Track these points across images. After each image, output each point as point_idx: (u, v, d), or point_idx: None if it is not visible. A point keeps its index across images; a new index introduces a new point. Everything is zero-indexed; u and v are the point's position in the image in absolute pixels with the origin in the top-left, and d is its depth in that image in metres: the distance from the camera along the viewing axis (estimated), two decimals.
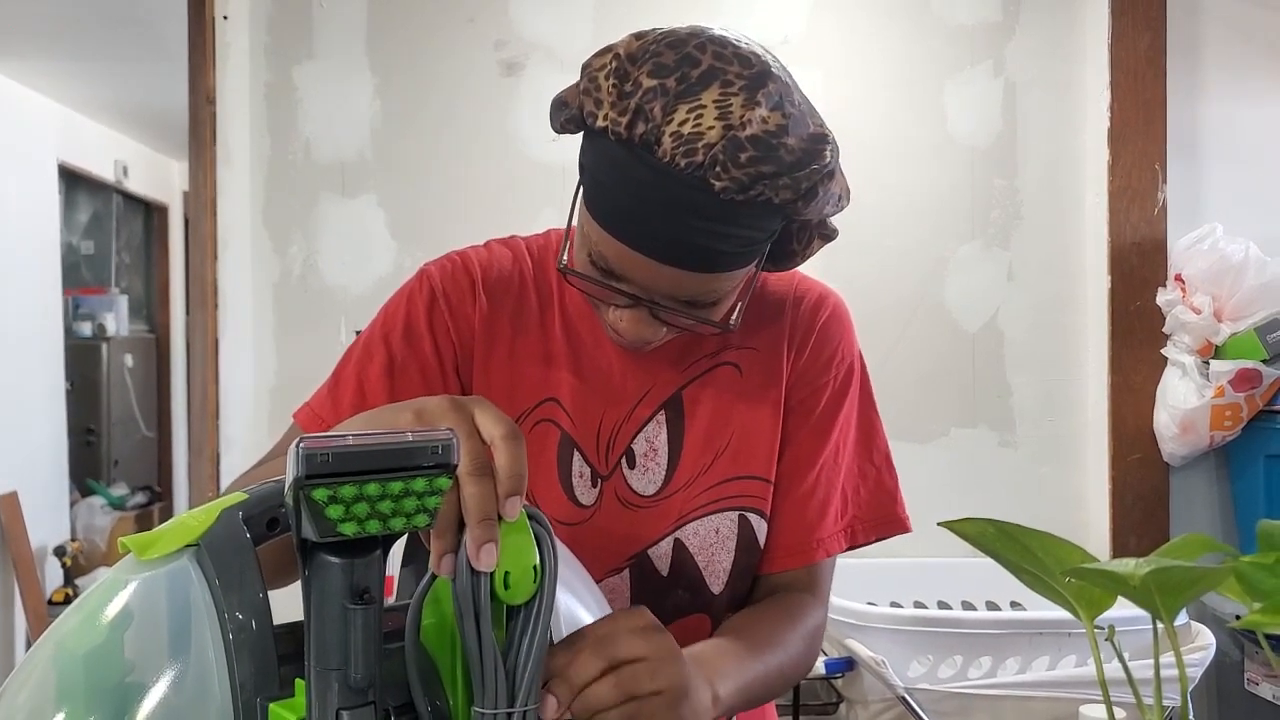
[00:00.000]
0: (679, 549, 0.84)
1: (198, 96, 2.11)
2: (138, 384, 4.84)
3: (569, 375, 0.85)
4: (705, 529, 0.84)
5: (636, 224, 0.71)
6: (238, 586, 0.49)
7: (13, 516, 3.49)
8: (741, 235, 0.72)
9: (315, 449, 0.44)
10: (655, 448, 0.85)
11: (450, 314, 0.84)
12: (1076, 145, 2.07)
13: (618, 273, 0.74)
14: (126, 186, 4.70)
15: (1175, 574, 0.47)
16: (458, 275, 0.86)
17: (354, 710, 0.46)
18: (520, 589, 0.53)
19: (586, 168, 0.75)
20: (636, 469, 0.84)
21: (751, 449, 0.86)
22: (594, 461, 0.84)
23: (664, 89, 0.68)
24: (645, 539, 0.84)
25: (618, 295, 0.76)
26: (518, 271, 0.88)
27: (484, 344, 0.84)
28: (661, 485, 0.84)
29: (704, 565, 0.84)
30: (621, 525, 0.83)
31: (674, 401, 0.86)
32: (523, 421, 0.83)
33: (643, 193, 0.70)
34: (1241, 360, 1.84)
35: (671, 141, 0.68)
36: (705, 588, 0.84)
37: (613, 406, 0.85)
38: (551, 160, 2.07)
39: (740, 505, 0.85)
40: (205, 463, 2.11)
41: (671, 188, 0.69)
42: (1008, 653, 1.52)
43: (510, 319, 0.85)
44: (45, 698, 0.48)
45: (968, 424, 2.08)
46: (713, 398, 0.87)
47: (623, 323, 0.77)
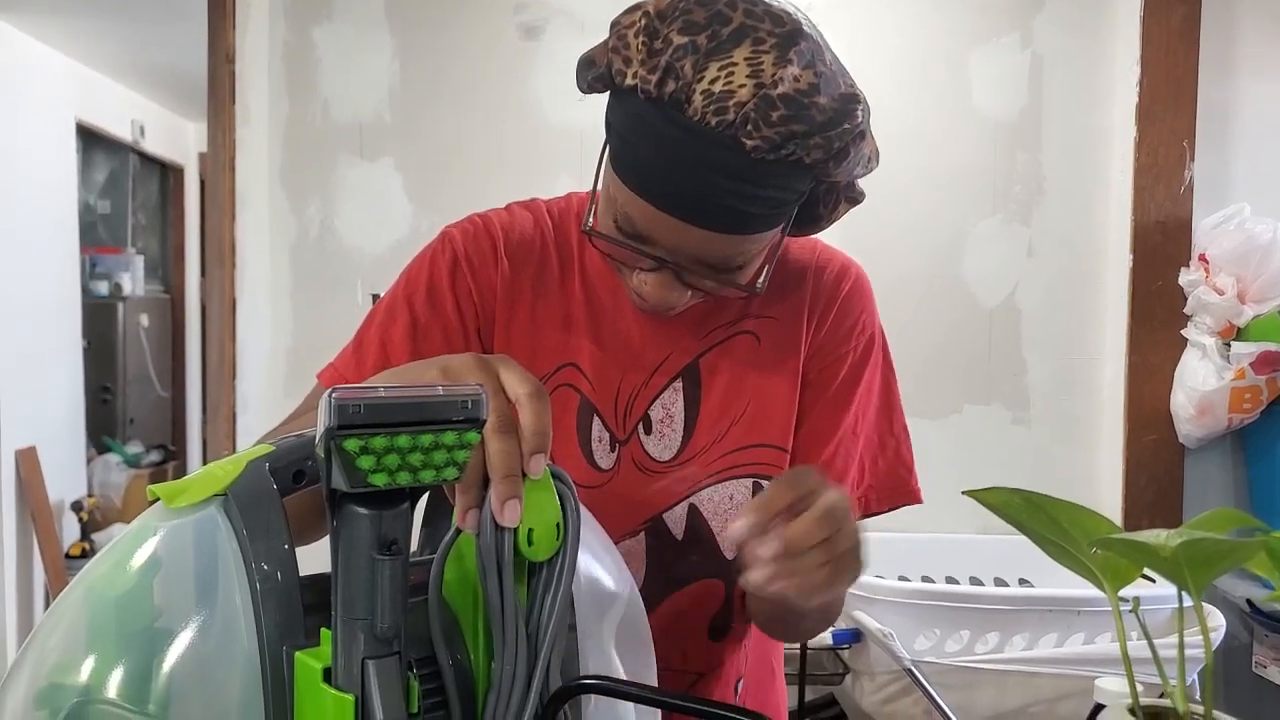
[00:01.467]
0: (693, 514, 0.84)
1: (217, 56, 2.10)
2: (153, 344, 4.86)
3: (589, 340, 0.85)
4: (719, 495, 0.84)
5: (665, 184, 0.70)
6: (264, 536, 0.49)
7: (32, 471, 3.53)
8: (770, 196, 0.71)
9: (348, 400, 0.44)
10: (671, 414, 0.85)
11: (472, 276, 0.84)
12: (1103, 121, 2.04)
13: (644, 234, 0.73)
14: (143, 147, 4.70)
15: (1206, 547, 0.47)
16: (479, 237, 0.85)
17: (379, 660, 0.47)
18: (543, 546, 0.53)
19: (614, 127, 0.74)
20: (653, 435, 0.85)
21: (767, 417, 0.86)
22: (612, 427, 0.84)
23: (695, 46, 0.68)
24: (661, 504, 0.84)
25: (643, 258, 0.75)
26: (539, 234, 0.87)
27: (505, 306, 0.84)
28: (677, 451, 0.85)
29: (718, 531, 0.84)
30: (638, 490, 0.84)
31: (691, 369, 0.86)
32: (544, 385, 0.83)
33: (672, 152, 0.69)
34: (1264, 343, 1.83)
35: (702, 99, 0.67)
36: (718, 553, 0.85)
37: (631, 373, 0.85)
38: (570, 124, 2.06)
39: (754, 473, 0.85)
40: (221, 422, 2.12)
41: (701, 146, 0.68)
42: (1015, 629, 1.53)
43: (531, 282, 0.85)
44: (77, 639, 0.49)
45: (981, 400, 2.07)
46: (730, 366, 0.86)
47: (647, 286, 0.76)
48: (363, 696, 0.47)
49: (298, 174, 2.11)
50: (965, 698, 1.52)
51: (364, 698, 0.47)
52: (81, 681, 0.47)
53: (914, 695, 1.54)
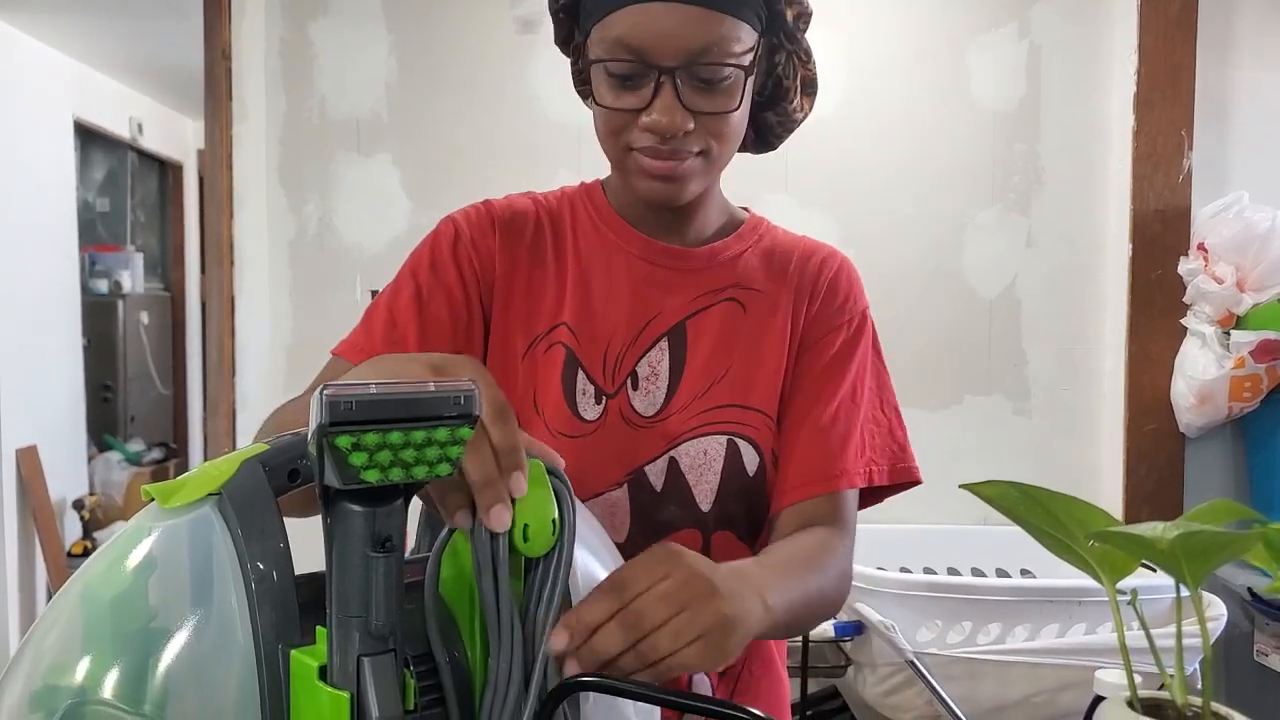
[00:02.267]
0: (672, 466, 0.88)
1: (213, 52, 2.10)
2: (153, 341, 4.86)
3: (580, 303, 0.90)
4: (695, 449, 0.88)
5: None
6: (259, 535, 0.49)
7: (33, 469, 3.54)
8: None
9: (339, 396, 0.44)
10: (657, 372, 0.89)
11: (473, 246, 0.89)
12: (1101, 110, 2.03)
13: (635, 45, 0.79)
14: (141, 144, 4.70)
15: (1203, 539, 0.47)
16: (478, 214, 0.92)
17: (375, 657, 0.47)
18: (539, 542, 0.53)
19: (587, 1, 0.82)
20: (639, 390, 0.89)
21: (750, 381, 0.90)
22: (599, 381, 0.88)
23: None
24: (643, 456, 0.88)
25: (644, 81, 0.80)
26: (533, 212, 0.94)
27: (504, 274, 0.90)
28: (660, 407, 0.88)
29: (693, 484, 0.88)
30: (623, 442, 0.87)
31: (677, 330, 0.90)
32: (538, 343, 0.89)
33: None
34: (1263, 331, 1.83)
35: None
36: (695, 504, 0.88)
37: (620, 331, 0.90)
38: (567, 118, 2.05)
39: (730, 431, 0.89)
40: (221, 419, 2.12)
41: None
42: (1017, 620, 1.53)
43: (528, 253, 0.91)
44: (72, 640, 0.49)
45: (982, 391, 2.07)
46: (715, 329, 0.90)
47: (655, 116, 0.80)
48: (358, 694, 0.47)
49: (295, 171, 2.11)
50: (967, 689, 1.52)
51: (359, 695, 0.47)
52: (77, 682, 0.47)
53: (916, 687, 1.54)
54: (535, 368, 0.87)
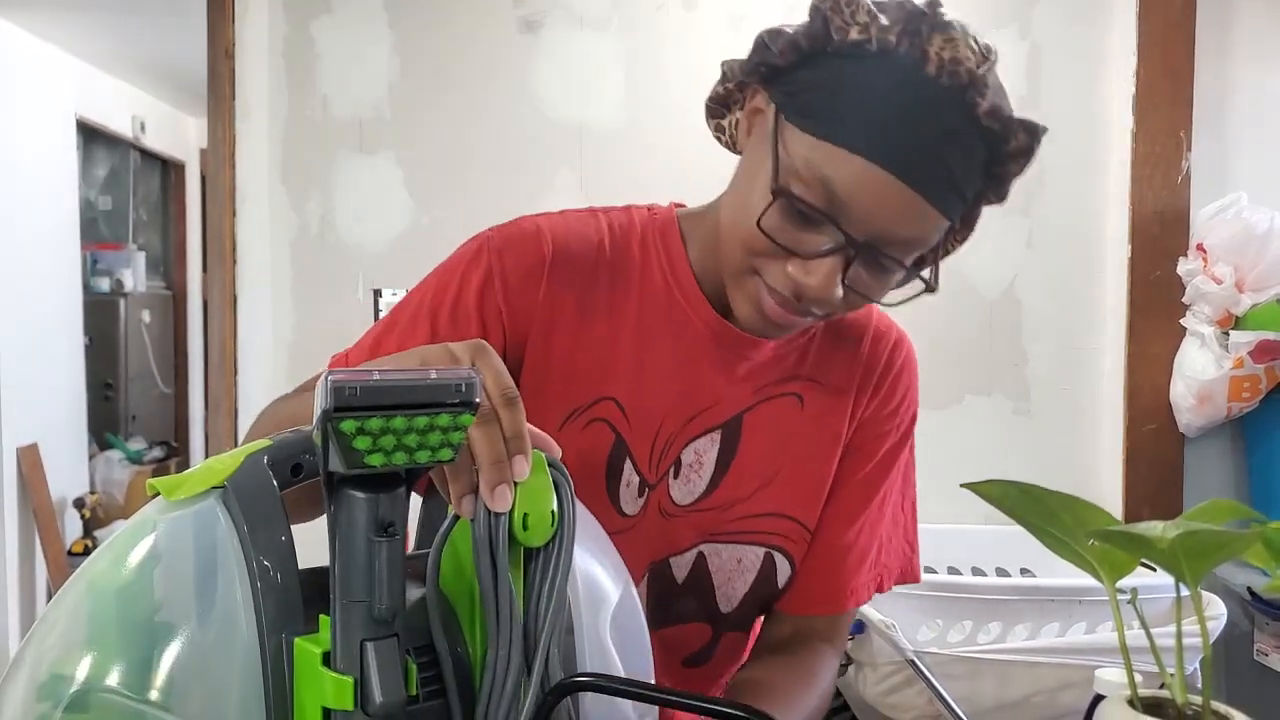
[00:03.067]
0: (699, 562, 0.83)
1: (216, 51, 2.10)
2: (155, 340, 4.87)
3: (632, 376, 0.80)
4: (729, 555, 0.83)
5: (889, 138, 0.68)
6: (263, 528, 0.50)
7: (34, 468, 3.54)
8: (971, 174, 0.72)
9: (344, 382, 0.45)
10: (702, 461, 0.82)
11: (505, 296, 0.78)
12: (1101, 111, 2.04)
13: (841, 196, 0.69)
14: (144, 143, 4.70)
15: (1203, 538, 0.47)
16: (523, 252, 0.79)
17: (378, 641, 0.48)
18: (538, 531, 0.53)
19: (810, 87, 0.72)
20: (679, 479, 0.82)
21: (797, 490, 0.85)
22: (644, 470, 0.81)
23: (923, 14, 0.70)
24: (672, 548, 0.83)
25: (825, 234, 0.71)
26: (594, 253, 0.81)
27: (542, 330, 0.79)
28: (698, 498, 0.83)
29: (719, 586, 0.84)
30: (655, 535, 0.82)
31: (733, 423, 0.83)
32: (577, 417, 0.79)
33: (899, 105, 0.69)
34: (1262, 331, 1.83)
35: (936, 59, 0.69)
36: (715, 604, 0.85)
37: (672, 416, 0.81)
38: (570, 118, 2.06)
39: (769, 543, 0.84)
40: (223, 418, 2.13)
41: (937, 101, 0.69)
42: (1017, 619, 1.53)
43: (577, 304, 0.80)
44: (78, 632, 0.49)
45: (983, 391, 2.08)
46: (771, 428, 0.84)
47: (809, 275, 0.71)
48: (362, 678, 0.47)
49: (298, 169, 2.11)
50: (968, 688, 1.52)
51: (363, 679, 0.47)
52: (83, 673, 0.47)
53: (917, 686, 1.54)
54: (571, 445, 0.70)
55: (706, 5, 2.04)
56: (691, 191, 0.96)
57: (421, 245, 2.07)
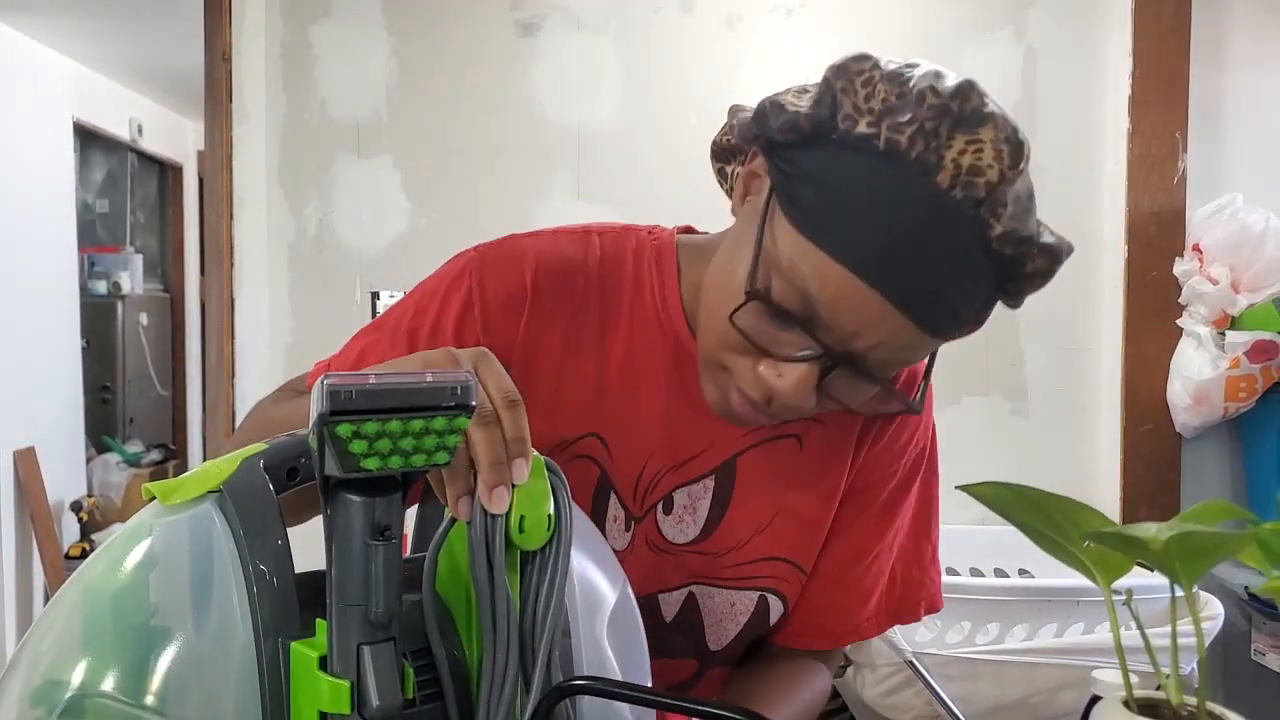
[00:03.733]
0: (689, 602, 0.80)
1: (213, 54, 2.10)
2: (152, 343, 4.86)
3: (619, 412, 0.76)
4: (721, 599, 0.81)
5: (884, 257, 0.61)
6: (259, 532, 0.50)
7: (31, 471, 3.54)
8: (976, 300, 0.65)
9: (340, 386, 0.45)
10: (695, 508, 0.79)
11: (483, 325, 0.74)
12: (1096, 113, 2.04)
13: (821, 311, 0.63)
14: (141, 145, 4.70)
15: (1197, 539, 0.47)
16: (505, 280, 0.75)
17: (374, 645, 0.48)
18: (535, 534, 0.53)
19: (808, 180, 0.64)
20: (672, 516, 0.79)
21: (794, 534, 0.82)
22: (629, 504, 0.78)
23: (947, 110, 0.61)
24: (662, 584, 0.80)
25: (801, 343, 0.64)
26: (583, 279, 0.76)
27: (524, 360, 0.75)
28: (692, 540, 0.79)
29: (709, 626, 0.81)
30: (645, 568, 0.79)
31: (727, 466, 0.79)
32: (561, 452, 0.76)
33: (902, 220, 0.61)
34: (1258, 331, 1.83)
35: (952, 169, 0.60)
36: (703, 643, 0.82)
37: (660, 453, 0.77)
38: (568, 120, 2.06)
39: (765, 586, 0.81)
40: (220, 421, 2.13)
41: (944, 219, 0.61)
42: (1015, 619, 1.53)
43: (563, 335, 0.75)
44: (74, 637, 0.49)
45: (980, 391, 2.08)
46: (767, 472, 0.80)
47: (782, 379, 0.65)
48: (358, 682, 0.48)
49: (295, 172, 2.11)
50: (966, 689, 1.52)
51: (359, 683, 0.48)
52: (78, 678, 0.47)
53: (915, 687, 1.54)
54: None
55: (703, 8, 2.04)
56: (689, 194, 0.96)
57: (419, 248, 2.07)
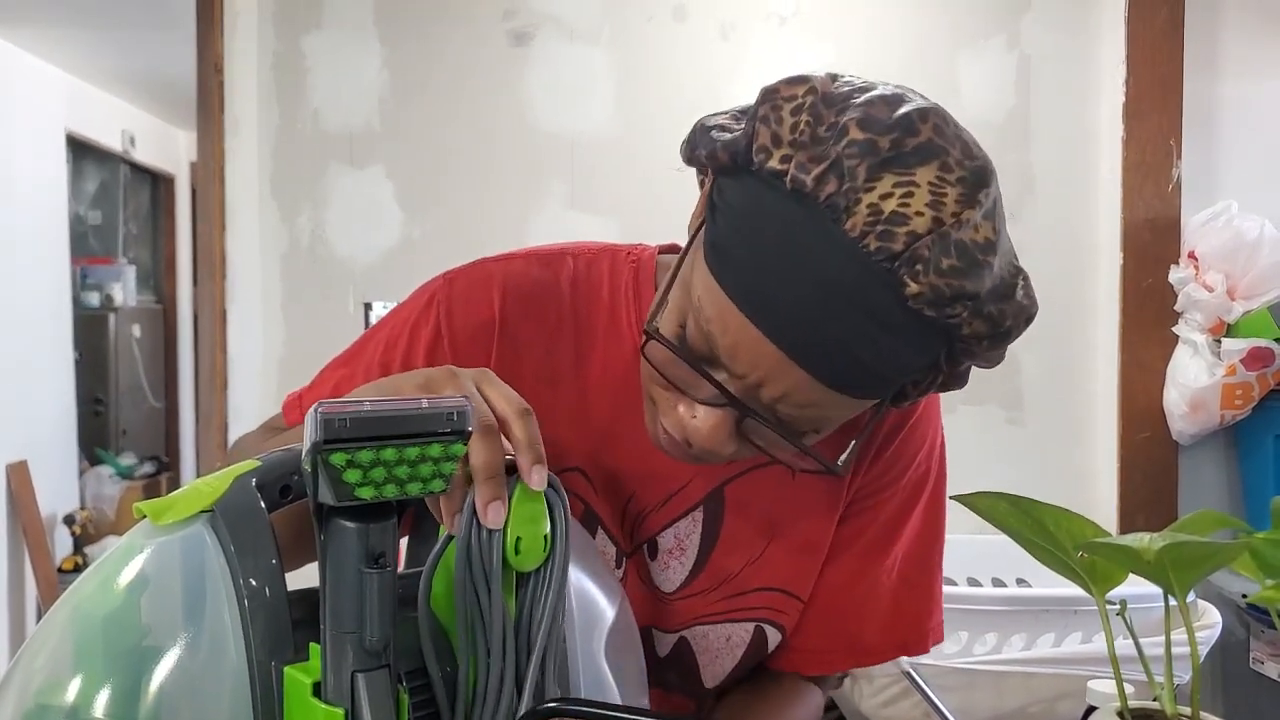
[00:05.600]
0: (681, 645, 0.77)
1: (206, 65, 2.10)
2: (145, 354, 4.85)
3: (600, 445, 0.73)
4: (716, 635, 0.77)
5: (786, 307, 0.55)
6: (252, 552, 0.49)
7: (23, 485, 3.52)
8: (900, 360, 0.57)
9: (334, 414, 0.44)
10: (684, 546, 0.75)
11: (454, 357, 0.71)
12: (1091, 120, 2.04)
13: (723, 356, 0.58)
14: (134, 157, 4.69)
15: (1189, 549, 0.47)
16: (472, 310, 0.71)
17: (369, 673, 0.47)
18: (531, 555, 0.53)
19: (724, 214, 0.59)
20: (658, 562, 0.75)
21: (789, 562, 0.77)
22: (618, 539, 0.75)
23: (873, 147, 0.54)
24: (651, 623, 0.77)
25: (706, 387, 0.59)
26: (555, 306, 0.72)
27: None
28: (680, 585, 0.76)
29: (704, 665, 0.78)
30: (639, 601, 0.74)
31: (715, 496, 0.75)
32: None
33: (810, 271, 0.54)
34: (1254, 339, 1.83)
35: (868, 215, 0.53)
36: (698, 680, 0.79)
37: (646, 487, 0.74)
38: (561, 130, 2.06)
39: (760, 617, 0.77)
40: (213, 433, 2.12)
41: (850, 274, 0.54)
42: (1013, 629, 1.53)
43: (535, 368, 0.72)
44: (64, 659, 0.48)
45: (976, 401, 2.08)
46: (757, 499, 0.75)
47: (696, 421, 0.61)
48: (353, 710, 0.47)
49: (288, 183, 2.10)
50: (964, 699, 1.51)
51: (354, 711, 0.47)
52: (69, 701, 0.47)
53: (913, 698, 1.54)
54: None
55: (696, 17, 2.05)
56: (684, 203, 0.95)
57: (412, 258, 2.07)
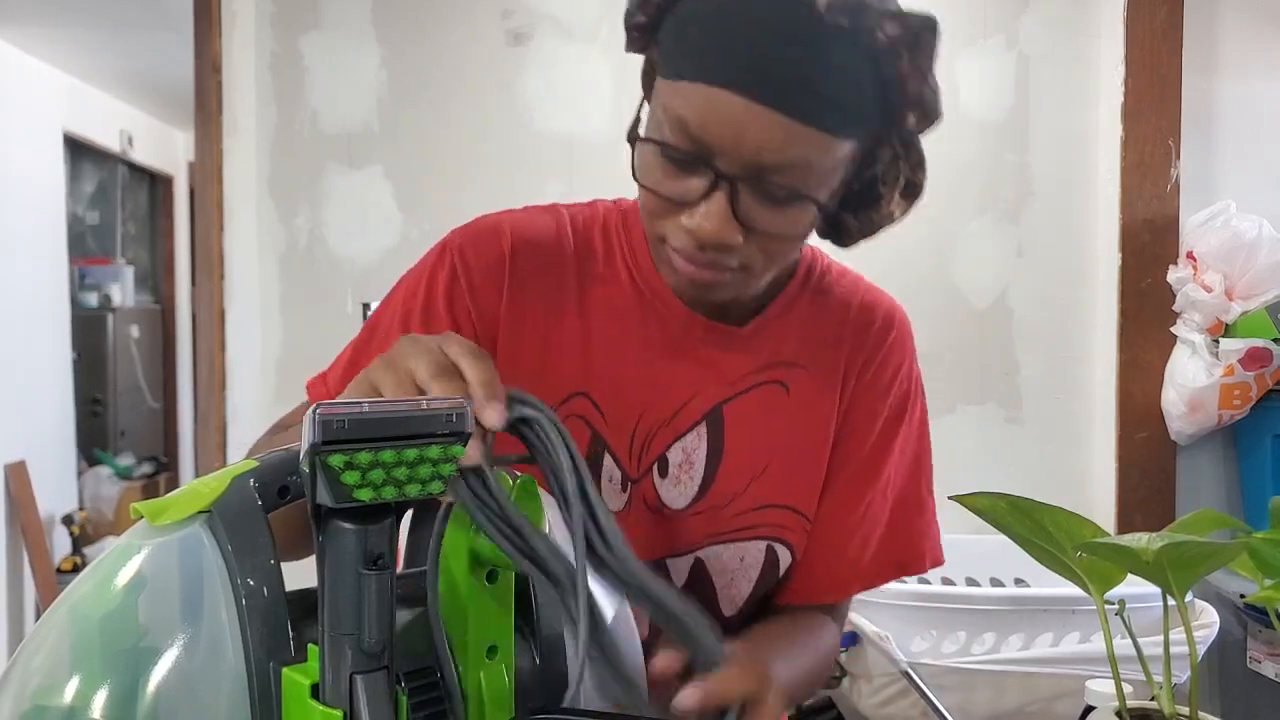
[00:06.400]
0: (698, 567, 0.79)
1: (203, 65, 2.10)
2: (144, 355, 4.85)
3: (606, 369, 0.77)
4: (729, 554, 0.80)
5: (727, 54, 0.63)
6: (249, 552, 0.49)
7: (21, 485, 3.51)
8: (840, 79, 0.63)
9: (332, 415, 0.44)
10: (692, 460, 0.79)
11: (471, 294, 0.76)
12: (1089, 120, 2.05)
13: (700, 134, 0.65)
14: (132, 157, 4.69)
15: (1188, 549, 0.47)
16: (483, 249, 0.78)
17: (367, 674, 0.47)
18: None
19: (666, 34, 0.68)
20: (668, 479, 0.79)
21: (791, 479, 0.81)
22: (625, 465, 0.78)
23: None
24: (665, 549, 0.79)
25: (696, 175, 0.67)
26: (557, 246, 0.79)
27: (510, 327, 0.77)
28: (692, 500, 0.79)
29: (721, 589, 0.80)
30: (645, 531, 0.78)
31: (715, 415, 0.79)
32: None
33: (737, 17, 0.62)
34: (1252, 339, 1.83)
35: None
36: (717, 610, 0.81)
37: (651, 409, 0.78)
38: (559, 130, 2.06)
39: (770, 535, 0.80)
40: (212, 433, 2.11)
41: (769, 5, 0.62)
42: (1012, 629, 1.53)
43: (544, 301, 0.77)
44: (61, 660, 0.48)
45: (975, 401, 2.08)
46: (756, 418, 0.80)
47: (699, 218, 0.66)
48: (351, 712, 0.47)
49: (286, 184, 2.10)
50: (963, 699, 1.52)
51: (352, 713, 0.47)
52: (66, 703, 0.46)
53: (912, 697, 1.54)
54: None
55: None
56: None
57: (410, 259, 2.04)
